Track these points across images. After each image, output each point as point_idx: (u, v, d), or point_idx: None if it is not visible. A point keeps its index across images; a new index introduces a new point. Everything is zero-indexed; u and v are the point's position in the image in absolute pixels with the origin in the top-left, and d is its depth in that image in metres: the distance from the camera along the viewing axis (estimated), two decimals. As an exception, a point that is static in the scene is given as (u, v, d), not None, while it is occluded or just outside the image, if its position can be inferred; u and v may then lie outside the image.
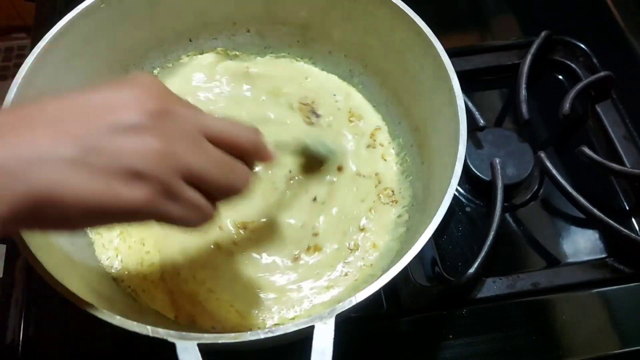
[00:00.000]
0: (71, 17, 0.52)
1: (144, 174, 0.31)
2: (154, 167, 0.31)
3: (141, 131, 0.31)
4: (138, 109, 0.32)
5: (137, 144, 0.31)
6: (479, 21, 0.81)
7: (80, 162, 0.30)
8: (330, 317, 0.39)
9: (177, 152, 0.32)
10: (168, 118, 0.33)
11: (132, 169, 0.31)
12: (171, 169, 0.32)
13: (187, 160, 0.33)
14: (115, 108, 0.32)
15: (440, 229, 0.43)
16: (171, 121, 0.33)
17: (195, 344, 0.37)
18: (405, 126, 0.61)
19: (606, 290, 0.57)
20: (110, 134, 0.31)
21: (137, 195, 0.31)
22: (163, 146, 0.32)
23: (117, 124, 0.31)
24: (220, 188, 0.36)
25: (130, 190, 0.31)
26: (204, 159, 0.34)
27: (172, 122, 0.33)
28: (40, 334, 0.54)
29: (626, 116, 0.68)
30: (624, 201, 0.64)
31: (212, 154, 0.35)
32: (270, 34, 0.65)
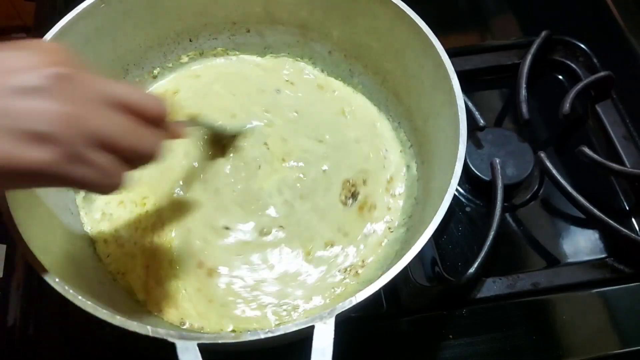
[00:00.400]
0: (71, 17, 0.52)
1: (48, 136, 0.31)
2: (59, 129, 0.31)
3: (45, 93, 0.31)
4: (41, 71, 0.32)
5: (41, 106, 0.31)
6: (479, 21, 0.81)
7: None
8: (330, 317, 0.39)
9: (81, 116, 0.33)
10: (72, 82, 0.33)
11: (36, 131, 0.31)
12: (76, 132, 0.32)
13: (93, 123, 0.33)
14: (18, 70, 0.32)
15: (440, 229, 0.43)
16: (76, 85, 0.33)
17: (195, 344, 0.37)
18: (405, 126, 0.61)
19: (606, 290, 0.57)
20: (13, 96, 0.31)
21: (40, 157, 0.31)
22: (67, 109, 0.32)
23: (20, 86, 0.31)
24: (129, 152, 0.35)
25: (33, 152, 0.31)
26: (110, 123, 0.34)
27: (77, 86, 0.33)
28: (40, 334, 0.54)
29: (626, 116, 0.68)
30: (624, 201, 0.64)
31: (118, 118, 0.35)
32: (270, 34, 0.65)
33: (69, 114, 0.32)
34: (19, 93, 0.31)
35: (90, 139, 0.33)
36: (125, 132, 0.35)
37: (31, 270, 0.40)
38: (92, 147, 0.33)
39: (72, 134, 0.32)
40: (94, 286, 0.48)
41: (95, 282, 0.50)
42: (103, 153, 0.34)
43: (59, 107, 0.32)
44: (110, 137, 0.34)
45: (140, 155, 0.36)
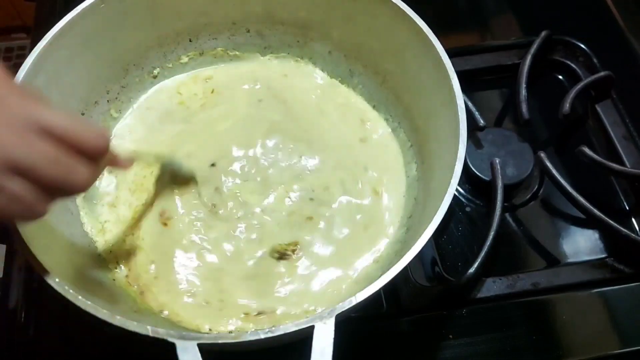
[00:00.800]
0: (71, 17, 0.52)
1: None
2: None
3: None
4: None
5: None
6: (479, 21, 0.81)
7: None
8: (330, 317, 0.39)
9: (4, 141, 0.31)
10: (1, 105, 0.32)
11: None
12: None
13: (11, 149, 0.32)
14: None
15: (440, 229, 0.43)
16: (3, 107, 0.32)
17: (195, 344, 0.37)
18: (405, 126, 0.61)
19: (606, 290, 0.57)
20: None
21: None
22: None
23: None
24: (50, 183, 0.34)
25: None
26: (31, 150, 0.33)
27: (5, 108, 0.32)
28: (40, 334, 0.54)
29: (626, 116, 0.68)
30: (624, 201, 0.64)
31: (42, 147, 0.33)
32: (270, 34, 0.65)
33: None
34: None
35: (9, 165, 0.32)
36: (48, 161, 0.33)
37: (31, 270, 0.40)
38: (8, 174, 0.32)
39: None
40: (94, 286, 0.48)
41: (95, 282, 0.50)
42: (22, 181, 0.33)
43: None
44: (31, 164, 0.32)
45: (63, 186, 0.35)
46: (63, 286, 0.39)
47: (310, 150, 0.60)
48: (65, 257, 0.48)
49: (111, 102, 0.61)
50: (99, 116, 0.59)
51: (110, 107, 0.61)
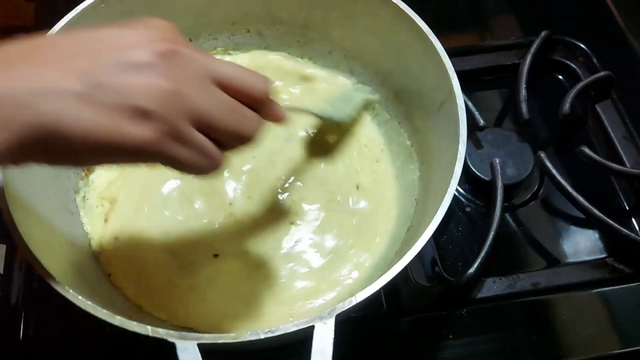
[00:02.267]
0: (71, 17, 0.52)
1: (151, 113, 0.31)
2: (161, 106, 0.31)
3: (149, 70, 0.31)
4: (147, 48, 0.32)
5: (144, 82, 0.31)
6: (479, 21, 0.81)
7: (88, 97, 0.30)
8: (330, 317, 0.39)
9: (185, 94, 0.32)
10: (177, 59, 0.32)
11: (138, 107, 0.31)
12: (178, 110, 0.32)
13: (195, 102, 0.33)
14: (124, 46, 0.32)
15: (440, 229, 0.43)
16: (180, 63, 0.33)
17: (195, 344, 0.37)
18: (405, 126, 0.60)
19: (606, 290, 0.57)
20: (117, 71, 0.31)
21: (142, 133, 0.31)
22: (170, 86, 0.32)
23: (125, 62, 0.31)
24: (229, 134, 0.35)
25: (135, 128, 0.31)
26: (212, 102, 0.34)
27: (181, 63, 0.33)
28: (40, 334, 0.54)
29: (626, 116, 0.68)
30: (624, 201, 0.64)
31: (221, 98, 0.34)
32: (270, 33, 0.65)
33: (172, 91, 0.32)
34: (125, 69, 0.31)
35: (192, 117, 0.33)
36: (226, 113, 0.34)
37: (31, 270, 0.40)
38: (193, 126, 0.33)
39: (174, 112, 0.32)
40: (94, 286, 0.48)
41: (95, 282, 0.50)
42: (204, 132, 0.34)
43: (163, 84, 0.31)
44: (211, 117, 0.34)
45: (238, 137, 0.36)
46: (63, 286, 0.39)
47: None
48: (65, 257, 0.48)
49: (111, 102, 0.61)
50: (99, 116, 0.59)
51: (110, 107, 0.61)
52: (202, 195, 0.57)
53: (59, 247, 0.48)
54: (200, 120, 0.33)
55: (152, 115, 0.31)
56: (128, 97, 0.31)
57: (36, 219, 0.46)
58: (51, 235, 0.48)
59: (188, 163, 0.34)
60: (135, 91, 0.31)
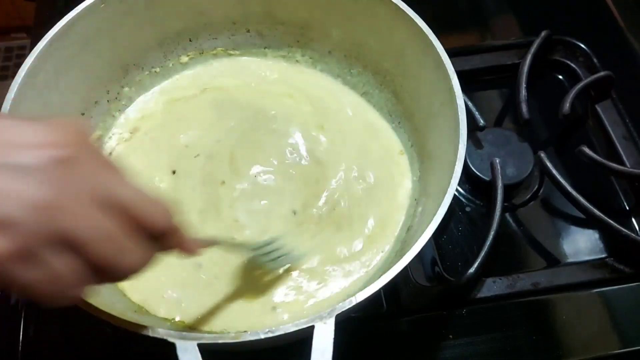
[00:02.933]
0: (71, 17, 0.52)
1: (11, 224, 0.27)
2: (27, 218, 0.27)
3: (31, 175, 0.27)
4: (41, 151, 0.28)
5: (20, 187, 0.27)
6: (479, 21, 0.81)
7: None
8: (330, 317, 0.39)
9: (61, 208, 0.28)
10: (71, 170, 0.29)
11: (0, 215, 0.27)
12: (46, 225, 0.27)
13: (70, 220, 0.28)
14: (15, 144, 0.28)
15: (440, 229, 0.43)
16: (73, 174, 0.29)
17: (195, 344, 0.37)
18: (405, 126, 0.61)
19: (606, 290, 0.57)
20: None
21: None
22: (47, 197, 0.27)
23: (9, 162, 0.27)
24: (98, 261, 0.30)
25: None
26: (91, 225, 0.29)
27: (73, 175, 0.29)
28: (40, 334, 0.54)
29: (626, 116, 0.68)
30: (624, 201, 0.64)
31: (104, 222, 0.30)
32: (270, 33, 0.65)
33: (46, 201, 0.27)
34: (6, 170, 0.27)
35: (59, 236, 0.28)
36: (103, 239, 0.30)
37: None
38: (56, 247, 0.28)
39: (38, 226, 0.27)
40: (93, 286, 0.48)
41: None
42: (68, 257, 0.29)
43: (40, 193, 0.27)
44: (85, 240, 0.29)
45: (112, 268, 0.31)
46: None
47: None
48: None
49: (111, 102, 0.61)
50: (99, 116, 0.59)
51: (110, 107, 0.61)
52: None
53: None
54: (70, 241, 0.28)
55: (12, 227, 0.27)
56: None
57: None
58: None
59: (32, 289, 0.28)
60: (4, 196, 0.27)
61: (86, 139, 0.31)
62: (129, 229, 0.31)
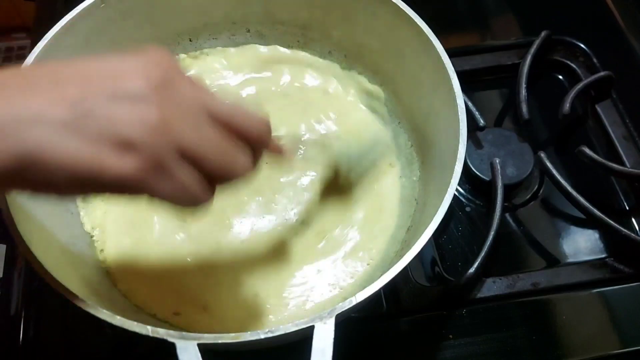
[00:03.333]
0: (71, 17, 0.52)
1: (136, 145, 0.30)
2: (148, 138, 0.30)
3: (140, 101, 0.30)
4: (141, 78, 0.31)
5: (134, 113, 0.30)
6: (479, 21, 0.81)
7: (73, 126, 0.29)
8: (330, 317, 0.39)
9: (174, 126, 0.31)
10: (171, 91, 0.32)
11: (124, 138, 0.30)
12: (166, 142, 0.31)
13: (185, 136, 0.32)
14: (118, 76, 0.31)
15: (440, 229, 0.43)
16: (174, 95, 0.32)
17: (195, 344, 0.37)
18: (405, 126, 0.61)
19: (606, 290, 0.57)
20: (107, 101, 0.30)
21: (126, 165, 0.30)
22: (160, 118, 0.31)
23: (117, 92, 0.30)
24: (215, 170, 0.34)
25: (119, 160, 0.30)
26: (202, 137, 0.33)
27: (175, 95, 0.32)
28: (40, 334, 0.54)
29: (626, 116, 0.68)
30: (624, 201, 0.64)
31: (211, 134, 0.33)
32: (270, 33, 0.65)
33: (160, 122, 0.31)
34: (116, 98, 0.30)
35: (180, 151, 0.32)
36: (216, 150, 0.33)
37: (31, 270, 0.40)
38: (179, 160, 0.32)
39: (160, 144, 0.31)
40: (94, 286, 0.48)
41: (95, 282, 0.50)
42: (190, 168, 0.33)
43: (153, 116, 0.30)
44: (200, 152, 0.33)
45: (227, 175, 0.35)
46: (63, 286, 0.39)
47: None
48: (65, 257, 0.48)
49: (111, 102, 0.61)
50: (99, 116, 0.59)
51: (110, 107, 0.61)
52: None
53: (59, 247, 0.48)
54: (189, 155, 0.32)
55: (138, 147, 0.30)
56: (115, 127, 0.30)
57: (36, 219, 0.46)
58: (51, 236, 0.48)
59: (171, 197, 0.33)
60: (123, 121, 0.30)
61: (175, 63, 0.34)
62: (233, 138, 0.35)
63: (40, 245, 0.42)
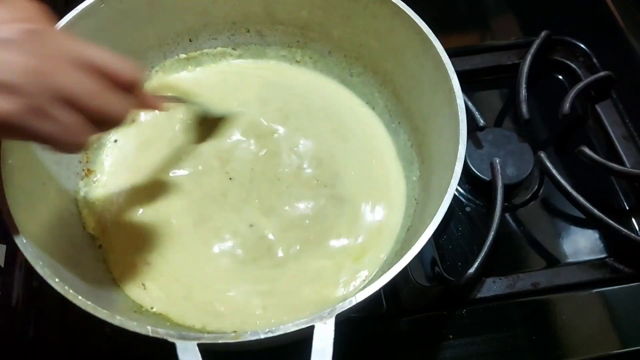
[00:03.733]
0: (71, 17, 0.52)
1: (13, 87, 0.31)
2: (24, 81, 0.32)
3: (14, 46, 0.32)
4: (13, 25, 0.32)
5: (8, 57, 0.32)
6: (479, 21, 0.81)
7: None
8: (330, 317, 0.39)
9: (49, 71, 0.33)
10: (44, 38, 0.33)
11: (1, 81, 0.31)
12: (42, 85, 0.32)
13: (60, 80, 0.33)
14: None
15: (440, 229, 0.43)
16: (47, 42, 0.33)
17: (195, 344, 0.37)
18: (405, 126, 0.61)
19: (606, 290, 0.57)
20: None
21: (5, 107, 0.31)
22: (35, 62, 0.32)
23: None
24: (96, 114, 0.35)
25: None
26: (78, 82, 0.34)
27: (48, 43, 0.33)
28: (40, 334, 0.54)
29: (626, 116, 0.68)
30: (624, 201, 0.64)
31: (87, 79, 0.35)
32: (270, 33, 0.65)
33: (36, 67, 0.32)
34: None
35: (57, 94, 0.33)
36: (93, 93, 0.35)
37: (31, 270, 0.40)
38: (58, 103, 0.33)
39: (37, 87, 0.32)
40: (94, 286, 0.48)
41: (95, 281, 0.50)
42: (69, 111, 0.34)
43: (27, 60, 0.32)
44: (77, 95, 0.34)
45: (106, 118, 0.36)
46: (63, 286, 0.39)
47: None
48: (65, 256, 0.48)
49: (111, 102, 0.61)
50: (99, 116, 0.59)
51: (110, 107, 0.61)
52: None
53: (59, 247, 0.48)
54: (65, 97, 0.34)
55: (15, 90, 0.31)
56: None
57: (36, 219, 0.46)
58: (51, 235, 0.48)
59: (51, 138, 0.34)
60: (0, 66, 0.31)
61: (46, 15, 0.35)
62: (108, 83, 0.36)
63: (40, 245, 0.42)
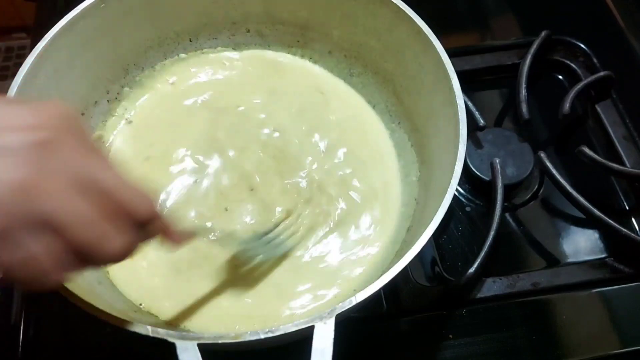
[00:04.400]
0: (71, 17, 0.52)
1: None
2: (7, 199, 0.27)
3: (10, 156, 0.27)
4: (22, 133, 0.28)
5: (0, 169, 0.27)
6: (479, 21, 0.81)
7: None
8: (330, 317, 0.39)
9: (41, 190, 0.28)
10: (51, 151, 0.28)
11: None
12: (25, 207, 0.27)
13: (49, 202, 0.28)
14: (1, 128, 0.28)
15: (440, 229, 0.43)
16: (54, 156, 0.29)
17: (195, 344, 0.37)
18: (405, 126, 0.61)
19: (606, 290, 0.57)
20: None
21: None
22: (26, 178, 0.27)
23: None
24: (80, 245, 0.29)
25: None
26: (70, 205, 0.29)
27: (55, 157, 0.29)
28: (40, 334, 0.54)
29: (626, 116, 0.68)
30: (624, 201, 0.64)
31: (82, 203, 0.29)
32: (270, 33, 0.65)
33: (24, 183, 0.27)
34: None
35: (37, 218, 0.28)
36: (84, 222, 0.29)
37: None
38: (34, 229, 0.28)
39: (18, 207, 0.27)
40: (94, 286, 0.48)
41: (95, 282, 0.50)
42: (49, 240, 0.28)
43: (18, 174, 0.27)
44: (64, 222, 0.29)
45: (94, 252, 0.30)
46: (63, 286, 0.39)
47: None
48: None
49: (111, 102, 0.61)
50: (99, 116, 0.59)
51: (111, 107, 0.61)
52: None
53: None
54: (50, 223, 0.28)
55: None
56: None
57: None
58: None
59: (10, 269, 0.28)
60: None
61: (71, 122, 0.30)
62: (112, 214, 0.31)
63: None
